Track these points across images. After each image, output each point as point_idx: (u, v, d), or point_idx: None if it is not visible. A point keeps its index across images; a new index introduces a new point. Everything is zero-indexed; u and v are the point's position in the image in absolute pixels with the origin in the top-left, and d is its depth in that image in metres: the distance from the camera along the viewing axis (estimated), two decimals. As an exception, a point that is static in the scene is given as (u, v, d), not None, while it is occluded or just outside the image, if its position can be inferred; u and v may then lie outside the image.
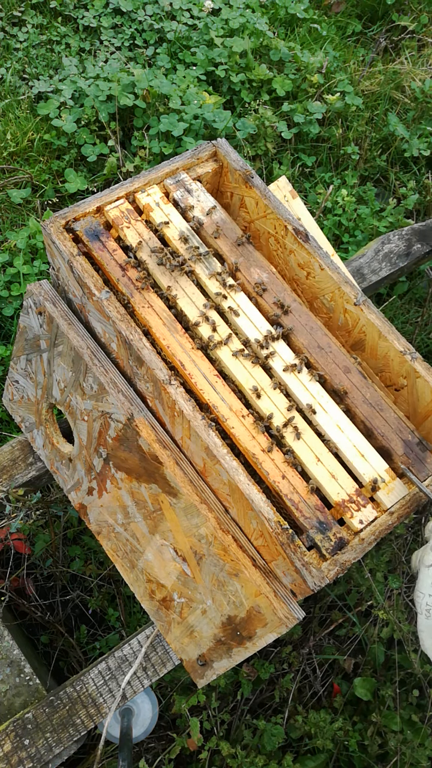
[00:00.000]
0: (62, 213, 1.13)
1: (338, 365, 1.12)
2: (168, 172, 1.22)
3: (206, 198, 1.22)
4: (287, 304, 1.15)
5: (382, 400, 1.11)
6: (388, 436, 1.08)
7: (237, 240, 1.19)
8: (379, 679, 1.75)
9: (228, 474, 0.98)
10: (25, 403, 1.35)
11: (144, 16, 2.76)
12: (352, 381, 1.11)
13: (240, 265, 1.18)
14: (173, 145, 2.34)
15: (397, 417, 1.10)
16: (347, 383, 1.11)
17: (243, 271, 1.18)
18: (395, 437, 1.08)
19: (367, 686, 1.71)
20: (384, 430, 1.09)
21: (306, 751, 1.68)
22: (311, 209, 2.38)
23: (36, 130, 2.33)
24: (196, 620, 1.13)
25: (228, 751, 1.53)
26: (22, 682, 1.34)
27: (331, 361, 1.12)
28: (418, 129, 2.68)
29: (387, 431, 1.08)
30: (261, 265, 1.19)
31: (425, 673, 1.73)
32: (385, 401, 1.11)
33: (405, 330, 2.27)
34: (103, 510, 1.24)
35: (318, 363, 1.12)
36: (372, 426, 1.09)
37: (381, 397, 1.11)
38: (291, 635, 1.80)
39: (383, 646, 1.80)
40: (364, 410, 1.10)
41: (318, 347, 1.13)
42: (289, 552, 0.95)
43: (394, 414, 1.10)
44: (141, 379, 1.08)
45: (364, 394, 1.11)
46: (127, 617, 1.75)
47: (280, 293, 1.16)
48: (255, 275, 1.18)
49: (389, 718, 1.65)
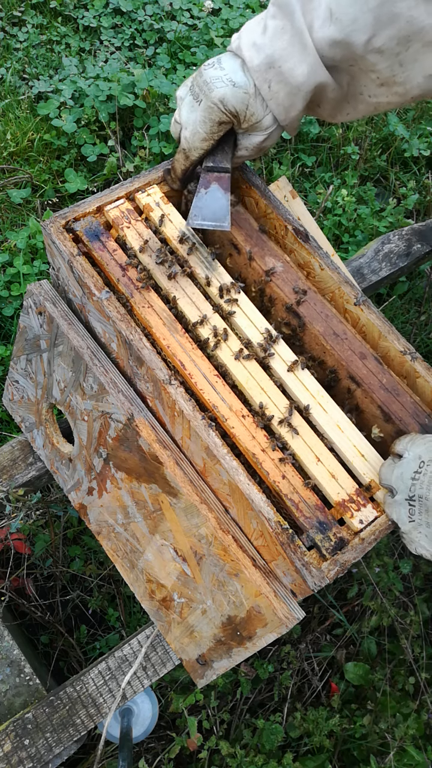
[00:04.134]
0: (62, 213, 1.13)
1: (354, 352, 1.14)
2: (168, 172, 1.22)
3: None
4: (304, 290, 1.16)
5: (398, 385, 1.12)
6: (405, 420, 1.09)
7: (251, 230, 1.20)
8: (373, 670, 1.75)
9: (228, 474, 0.99)
10: (25, 403, 1.35)
11: (144, 16, 2.76)
12: (369, 367, 1.12)
13: (254, 253, 1.19)
14: (173, 145, 2.34)
15: (414, 401, 1.11)
16: (364, 370, 1.12)
17: (257, 260, 1.18)
18: (412, 421, 1.09)
19: (359, 671, 1.72)
20: (401, 414, 1.10)
21: (306, 751, 1.68)
22: (311, 209, 2.38)
23: (36, 130, 2.33)
24: (196, 620, 1.13)
25: (227, 750, 1.53)
26: (22, 682, 1.34)
27: (347, 347, 1.14)
28: (418, 129, 2.68)
29: (404, 416, 1.10)
30: (275, 254, 1.19)
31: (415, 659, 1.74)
32: (401, 386, 1.12)
33: (405, 330, 2.27)
34: (103, 510, 1.24)
35: (334, 350, 1.13)
36: (389, 411, 1.10)
37: (397, 382, 1.12)
38: (290, 635, 1.80)
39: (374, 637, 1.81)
40: (381, 395, 1.11)
41: (334, 334, 1.14)
42: (289, 552, 0.95)
43: (410, 398, 1.11)
44: (141, 379, 1.08)
45: (380, 380, 1.12)
46: (127, 617, 1.75)
47: (295, 282, 1.17)
48: (270, 264, 1.18)
49: (384, 705, 1.65)
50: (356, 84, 1.01)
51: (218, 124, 1.04)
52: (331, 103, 1.06)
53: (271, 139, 1.09)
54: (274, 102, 1.02)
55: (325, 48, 0.96)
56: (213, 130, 1.05)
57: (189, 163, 1.12)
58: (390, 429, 1.11)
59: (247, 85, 1.01)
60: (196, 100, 1.04)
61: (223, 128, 1.06)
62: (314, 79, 0.98)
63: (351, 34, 0.93)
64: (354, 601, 1.85)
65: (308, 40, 0.95)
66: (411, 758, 1.59)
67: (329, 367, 1.16)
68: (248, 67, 1.01)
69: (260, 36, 0.99)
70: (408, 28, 0.90)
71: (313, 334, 1.15)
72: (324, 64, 0.97)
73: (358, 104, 1.05)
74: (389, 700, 1.67)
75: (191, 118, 1.06)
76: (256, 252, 1.19)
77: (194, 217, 1.11)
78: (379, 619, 1.75)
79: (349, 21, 0.92)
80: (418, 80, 0.96)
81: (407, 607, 1.83)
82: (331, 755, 1.66)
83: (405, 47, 0.92)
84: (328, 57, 0.97)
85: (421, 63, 0.94)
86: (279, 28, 0.97)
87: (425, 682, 1.74)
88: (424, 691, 1.73)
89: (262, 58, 0.99)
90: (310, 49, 0.96)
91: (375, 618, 1.76)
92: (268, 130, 1.07)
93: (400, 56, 0.93)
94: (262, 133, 1.07)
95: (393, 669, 1.75)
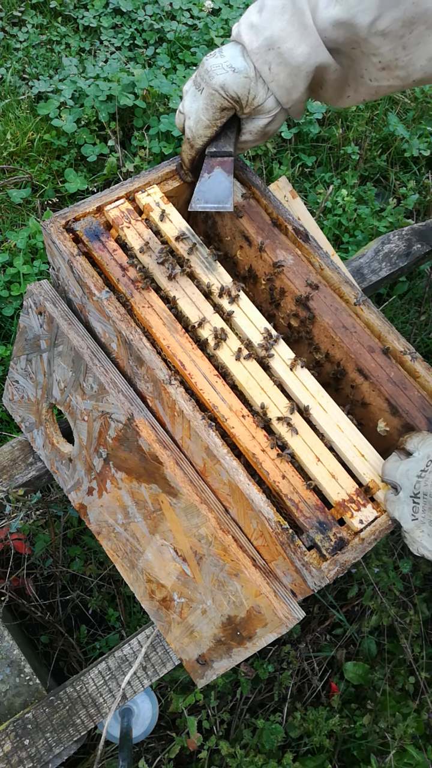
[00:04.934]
0: (62, 213, 1.13)
1: (363, 345, 1.14)
2: (168, 172, 1.22)
3: None
4: (316, 283, 1.17)
5: (406, 379, 1.12)
6: (412, 413, 1.10)
7: (263, 223, 1.20)
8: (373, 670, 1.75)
9: (228, 474, 0.99)
10: (25, 403, 1.35)
11: (144, 16, 2.76)
12: (377, 360, 1.13)
13: (266, 246, 1.19)
14: (173, 145, 2.34)
15: (421, 395, 1.11)
16: (372, 363, 1.12)
17: (269, 252, 1.19)
18: (419, 415, 1.09)
19: (359, 671, 1.72)
20: (408, 408, 1.10)
21: (306, 750, 1.68)
22: (311, 209, 2.38)
23: (36, 130, 2.33)
24: (196, 620, 1.13)
25: (227, 750, 1.53)
26: (22, 682, 1.34)
27: (356, 341, 1.14)
28: (418, 129, 2.68)
29: (411, 409, 1.10)
30: (287, 247, 1.20)
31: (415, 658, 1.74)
32: (408, 380, 1.12)
33: (405, 330, 2.27)
34: (103, 510, 1.24)
35: (343, 342, 1.14)
36: (397, 404, 1.10)
37: (404, 376, 1.12)
38: (290, 635, 1.80)
39: (374, 636, 1.81)
40: (388, 389, 1.11)
41: (343, 327, 1.15)
42: (289, 552, 0.95)
43: (417, 392, 1.11)
44: (141, 379, 1.08)
45: (388, 373, 1.12)
46: (127, 617, 1.75)
47: (307, 275, 1.17)
48: (281, 257, 1.18)
49: (384, 705, 1.65)
50: (357, 67, 1.01)
51: (220, 110, 1.05)
52: (332, 85, 1.06)
53: (276, 122, 1.10)
54: (275, 84, 1.02)
55: (328, 29, 0.95)
56: (215, 116, 1.06)
57: (195, 152, 1.12)
58: (396, 422, 1.11)
59: (247, 69, 1.02)
60: (198, 89, 1.05)
61: (225, 114, 1.07)
62: (315, 60, 0.98)
63: (356, 15, 0.92)
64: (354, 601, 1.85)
65: (309, 20, 0.95)
66: (411, 758, 1.59)
67: (337, 360, 1.16)
68: (248, 51, 1.01)
69: (257, 15, 1.00)
70: (413, 9, 0.90)
71: (323, 326, 1.15)
72: (326, 46, 0.97)
73: (359, 86, 1.05)
74: (389, 700, 1.67)
75: (194, 106, 1.07)
76: (267, 244, 1.19)
77: (197, 200, 1.12)
78: (379, 618, 1.75)
79: (355, 1, 0.92)
80: (421, 63, 0.96)
81: (407, 606, 1.83)
82: (331, 755, 1.66)
83: (409, 30, 0.92)
84: (330, 39, 0.97)
85: (425, 45, 0.94)
86: (279, 8, 0.97)
87: (425, 682, 1.74)
88: (424, 691, 1.73)
89: (261, 40, 0.99)
90: (310, 28, 0.96)
91: (375, 618, 1.76)
92: (272, 113, 1.07)
93: (404, 39, 0.93)
94: (265, 116, 1.08)
95: (393, 669, 1.76)
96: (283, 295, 1.20)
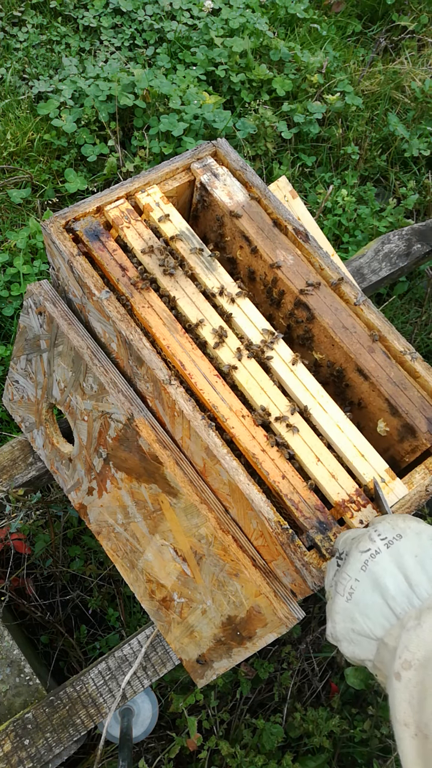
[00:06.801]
0: (62, 213, 1.13)
1: (363, 345, 1.14)
2: (168, 171, 1.22)
3: (233, 182, 1.23)
4: (317, 283, 1.17)
5: (406, 379, 1.12)
6: (412, 414, 1.09)
7: (263, 223, 1.20)
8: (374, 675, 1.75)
9: (228, 474, 0.98)
10: (25, 403, 1.35)
11: (144, 16, 2.76)
12: (377, 360, 1.13)
13: (264, 246, 1.19)
14: (173, 145, 2.34)
15: (421, 395, 1.11)
16: (372, 363, 1.12)
17: (269, 252, 1.19)
18: (419, 415, 1.09)
19: (360, 676, 1.71)
20: (408, 408, 1.10)
21: (306, 751, 1.68)
22: (311, 209, 2.38)
23: (36, 130, 2.33)
24: (196, 620, 1.13)
25: (227, 750, 1.53)
26: (22, 682, 1.34)
27: (356, 341, 1.14)
28: (418, 129, 2.68)
29: (411, 409, 1.10)
30: (287, 247, 1.20)
31: None
32: (408, 380, 1.12)
33: (405, 330, 2.27)
34: (103, 510, 1.24)
35: (343, 342, 1.14)
36: (396, 404, 1.10)
37: (404, 377, 1.12)
38: (290, 635, 1.80)
39: None
40: (388, 389, 1.11)
41: (343, 327, 1.15)
42: (289, 552, 0.95)
43: (417, 393, 1.11)
44: (141, 379, 1.08)
45: (388, 374, 1.12)
46: (127, 617, 1.75)
47: (307, 275, 1.17)
48: (280, 257, 1.18)
49: (385, 710, 1.65)
50: None
51: None
52: None
53: None
54: None
55: None
56: None
57: None
58: (396, 423, 1.11)
59: None
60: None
61: None
62: None
63: None
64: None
65: None
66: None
67: (337, 360, 1.16)
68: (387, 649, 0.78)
69: None
70: None
71: (322, 326, 1.15)
72: None
73: None
74: None
75: None
76: (266, 245, 1.19)
77: None
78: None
79: None
80: None
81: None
82: (331, 756, 1.66)
83: None
84: None
85: None
86: None
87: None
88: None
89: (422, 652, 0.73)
90: None
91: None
92: None
93: None
94: None
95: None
96: (283, 296, 1.20)
